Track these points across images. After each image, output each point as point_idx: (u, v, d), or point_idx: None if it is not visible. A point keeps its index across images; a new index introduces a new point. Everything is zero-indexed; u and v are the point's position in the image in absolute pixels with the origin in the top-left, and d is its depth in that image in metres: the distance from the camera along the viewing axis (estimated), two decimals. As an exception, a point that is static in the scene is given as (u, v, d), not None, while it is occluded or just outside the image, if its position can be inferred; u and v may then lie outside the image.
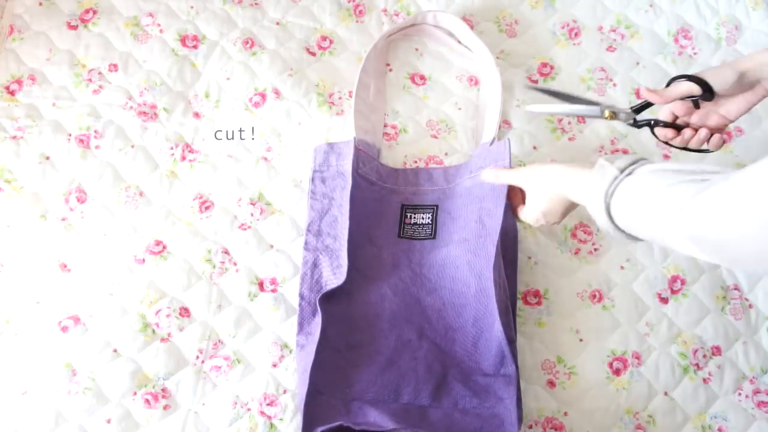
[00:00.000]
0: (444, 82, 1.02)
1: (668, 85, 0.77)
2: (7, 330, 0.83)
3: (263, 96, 0.98)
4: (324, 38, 1.03)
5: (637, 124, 0.79)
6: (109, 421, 0.79)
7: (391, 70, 1.02)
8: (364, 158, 0.90)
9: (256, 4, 1.04)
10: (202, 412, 0.81)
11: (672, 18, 1.07)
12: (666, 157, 0.98)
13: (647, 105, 0.77)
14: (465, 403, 0.78)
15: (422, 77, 1.02)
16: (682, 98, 0.75)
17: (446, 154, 0.96)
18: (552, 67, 1.04)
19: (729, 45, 1.06)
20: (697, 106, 0.77)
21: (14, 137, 0.92)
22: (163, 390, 0.81)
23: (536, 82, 1.03)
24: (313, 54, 1.02)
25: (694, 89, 0.74)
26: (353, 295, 0.83)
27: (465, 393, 0.79)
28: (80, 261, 0.87)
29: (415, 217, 0.89)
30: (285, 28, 1.03)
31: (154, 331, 0.84)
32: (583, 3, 1.08)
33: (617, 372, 0.86)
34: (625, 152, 0.98)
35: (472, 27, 1.05)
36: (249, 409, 0.81)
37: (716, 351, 0.88)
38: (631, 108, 0.79)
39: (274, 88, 0.98)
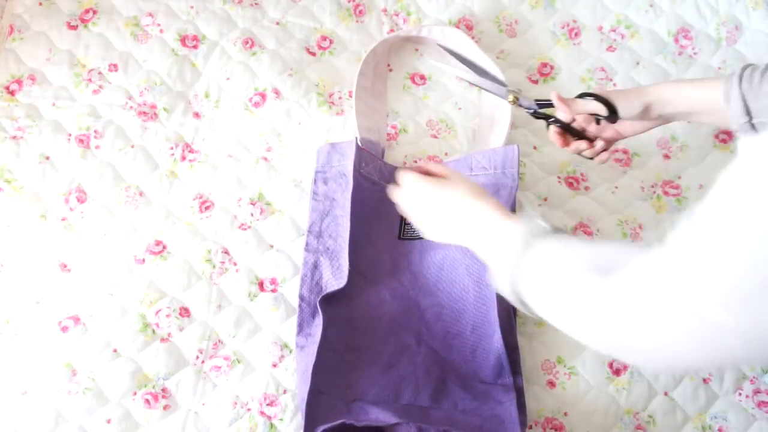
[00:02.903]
0: (444, 82, 1.02)
1: (579, 97, 0.80)
2: (7, 330, 0.83)
3: (263, 96, 0.98)
4: (324, 38, 1.03)
5: (536, 115, 0.83)
6: (109, 421, 0.79)
7: (391, 70, 1.02)
8: (367, 157, 0.89)
9: (256, 4, 1.04)
10: (202, 412, 0.81)
11: (672, 18, 1.07)
12: (667, 157, 0.98)
13: (551, 103, 0.80)
14: (465, 405, 0.78)
15: (422, 77, 1.02)
16: (588, 114, 0.79)
17: (446, 154, 0.96)
18: (552, 67, 1.04)
19: (729, 45, 1.06)
20: (597, 122, 0.81)
21: (14, 137, 0.92)
22: (163, 390, 0.81)
23: (536, 82, 1.03)
24: (313, 54, 1.02)
25: (601, 110, 0.77)
26: (353, 298, 0.83)
27: (464, 396, 0.78)
28: (80, 261, 0.87)
29: None
30: (285, 28, 1.03)
31: (154, 331, 0.84)
32: (583, 3, 1.08)
33: (617, 372, 0.86)
34: (625, 152, 0.98)
35: (471, 27, 1.05)
36: (249, 409, 0.81)
37: (716, 351, 0.88)
38: (536, 100, 0.83)
39: (274, 88, 0.98)
